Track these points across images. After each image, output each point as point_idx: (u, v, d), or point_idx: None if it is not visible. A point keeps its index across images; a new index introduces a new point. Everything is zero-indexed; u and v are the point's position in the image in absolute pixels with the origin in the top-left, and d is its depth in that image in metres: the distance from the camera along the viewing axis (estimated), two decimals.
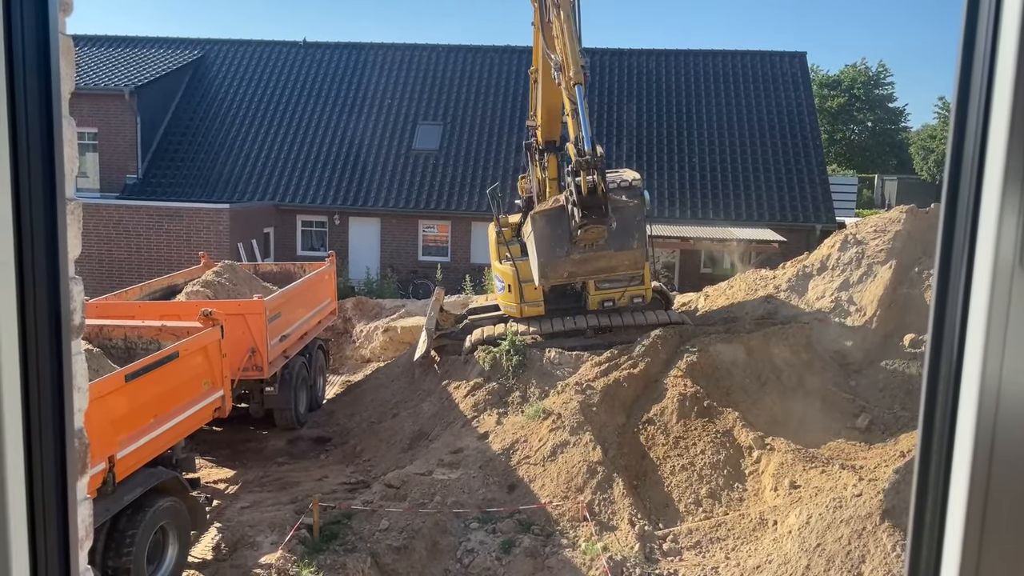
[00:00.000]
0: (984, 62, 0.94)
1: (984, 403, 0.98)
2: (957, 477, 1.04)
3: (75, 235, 1.02)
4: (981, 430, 0.99)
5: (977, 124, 0.96)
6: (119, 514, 8.01)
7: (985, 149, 0.96)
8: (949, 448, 1.04)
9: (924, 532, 1.08)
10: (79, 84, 25.29)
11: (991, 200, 0.95)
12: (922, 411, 1.08)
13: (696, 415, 11.36)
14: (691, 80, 28.06)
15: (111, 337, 9.93)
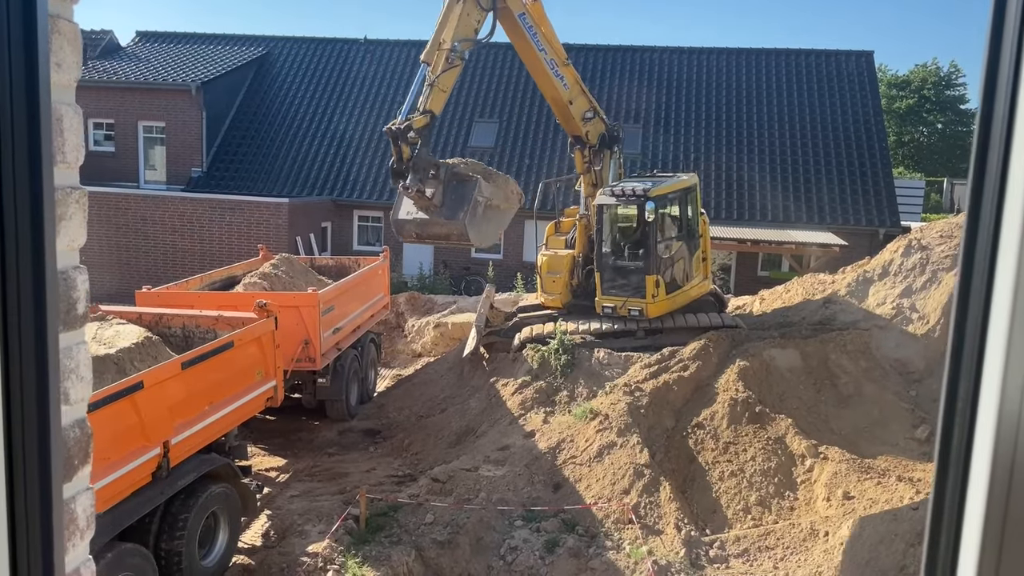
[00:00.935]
0: (1009, 67, 0.89)
1: (1003, 426, 0.91)
2: (973, 497, 0.97)
3: (79, 224, 1.02)
4: (1000, 453, 0.92)
5: (1002, 125, 0.90)
6: (173, 498, 8.22)
7: (1010, 146, 0.89)
8: (965, 468, 0.98)
9: (939, 557, 1.02)
10: (149, 79, 26.15)
11: (1015, 199, 0.88)
12: (939, 430, 1.02)
13: (747, 421, 11.14)
14: (753, 79, 27.52)
15: (170, 325, 10.21)
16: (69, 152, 1.01)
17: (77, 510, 1.00)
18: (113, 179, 26.30)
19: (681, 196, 13.41)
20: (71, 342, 1.00)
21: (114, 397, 7.27)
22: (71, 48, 0.98)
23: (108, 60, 27.99)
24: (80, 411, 1.03)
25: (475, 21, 12.25)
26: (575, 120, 13.61)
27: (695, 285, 13.75)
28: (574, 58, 28.25)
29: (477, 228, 11.60)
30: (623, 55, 28.59)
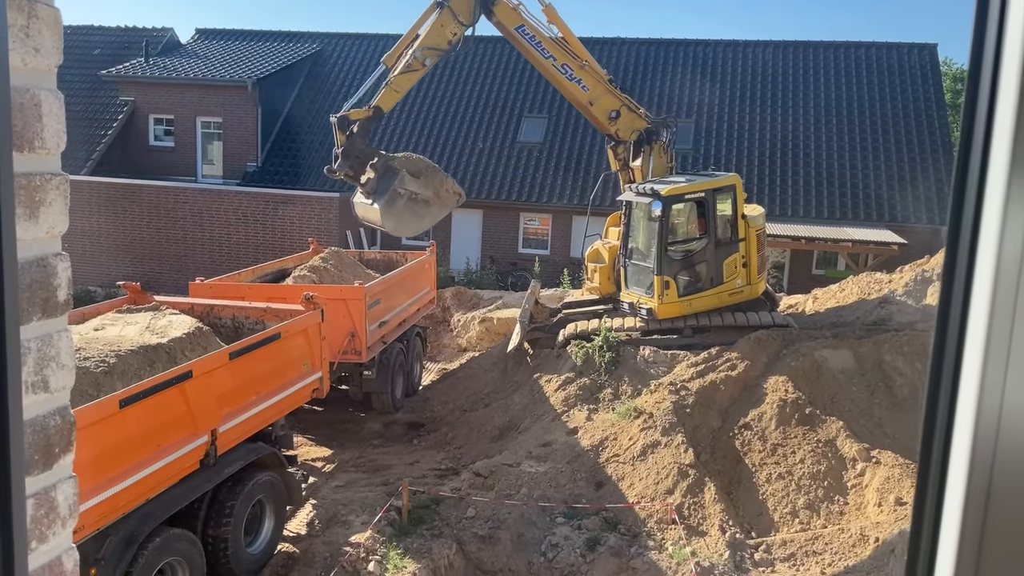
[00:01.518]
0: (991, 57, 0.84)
1: (982, 424, 0.85)
2: (950, 509, 0.91)
3: (60, 211, 1.02)
4: (978, 453, 0.86)
5: (983, 106, 0.84)
6: (220, 485, 8.39)
7: (992, 128, 0.83)
8: (942, 476, 0.91)
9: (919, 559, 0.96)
10: (207, 76, 26.72)
11: (997, 182, 0.81)
12: (921, 431, 0.95)
13: (797, 422, 10.90)
14: (811, 73, 26.88)
15: (221, 316, 10.41)
16: (49, 138, 1.00)
17: (58, 498, 1.00)
18: (173, 173, 27.00)
19: (707, 197, 12.87)
20: (52, 329, 1.00)
21: (164, 385, 7.44)
22: (50, 33, 0.98)
23: (168, 57, 28.72)
24: (62, 399, 1.03)
25: (449, 33, 12.66)
26: (600, 119, 13.60)
27: (728, 290, 13.11)
28: (627, 50, 28.14)
29: (395, 217, 12.36)
30: (677, 48, 28.20)
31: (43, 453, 0.99)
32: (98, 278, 22.90)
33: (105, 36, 30.47)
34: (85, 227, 23.83)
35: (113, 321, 9.31)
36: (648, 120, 13.85)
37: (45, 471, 1.00)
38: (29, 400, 0.97)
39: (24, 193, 0.96)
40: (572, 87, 13.39)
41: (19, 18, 0.93)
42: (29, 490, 0.98)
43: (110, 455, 6.80)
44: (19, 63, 0.95)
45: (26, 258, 0.97)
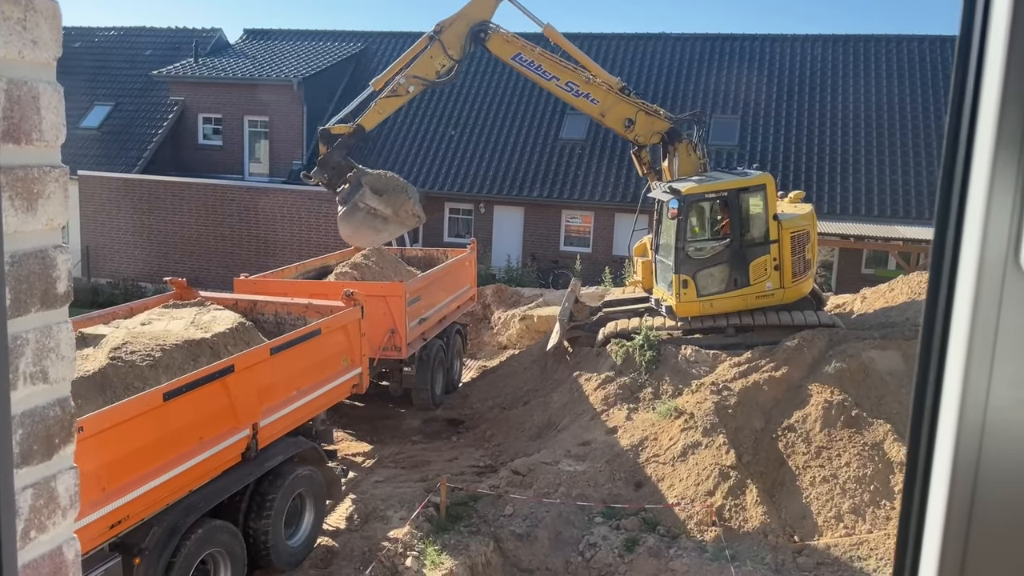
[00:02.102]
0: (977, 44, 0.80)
1: (965, 428, 0.80)
2: (932, 519, 0.86)
3: (59, 203, 1.02)
4: (960, 460, 0.81)
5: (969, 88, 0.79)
6: (261, 479, 8.53)
7: (977, 114, 0.78)
8: (924, 486, 0.87)
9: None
10: (254, 76, 27.17)
11: (980, 178, 0.76)
12: (908, 439, 0.90)
13: (842, 425, 10.66)
14: (862, 67, 26.27)
15: (264, 312, 10.58)
16: (47, 131, 1.01)
17: (59, 488, 1.01)
18: (221, 171, 27.53)
19: (729, 196, 12.64)
20: (51, 321, 1.01)
21: (207, 379, 7.58)
22: (48, 26, 0.98)
23: (217, 57, 29.28)
24: (61, 390, 1.04)
25: (438, 64, 13.23)
26: (615, 128, 13.65)
27: (756, 292, 12.76)
28: (671, 46, 27.83)
29: (350, 227, 13.09)
30: (722, 43, 27.81)
31: (43, 443, 1.00)
32: (148, 274, 23.48)
33: (156, 37, 31.20)
34: (136, 224, 24.45)
35: (159, 316, 9.53)
36: (670, 120, 13.64)
37: (44, 461, 1.01)
38: (27, 391, 0.98)
39: (21, 185, 0.97)
40: (581, 102, 13.54)
41: (16, 11, 0.94)
42: (29, 480, 0.99)
43: (154, 447, 6.95)
44: (16, 56, 0.96)
45: (24, 250, 0.98)
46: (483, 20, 13.16)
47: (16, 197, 0.96)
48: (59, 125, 1.02)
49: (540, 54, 13.48)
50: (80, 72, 29.85)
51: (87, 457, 6.20)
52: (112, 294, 22.34)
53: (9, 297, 0.94)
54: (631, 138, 13.70)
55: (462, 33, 13.04)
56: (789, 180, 23.13)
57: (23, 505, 0.96)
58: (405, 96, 13.46)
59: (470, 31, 13.07)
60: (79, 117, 28.46)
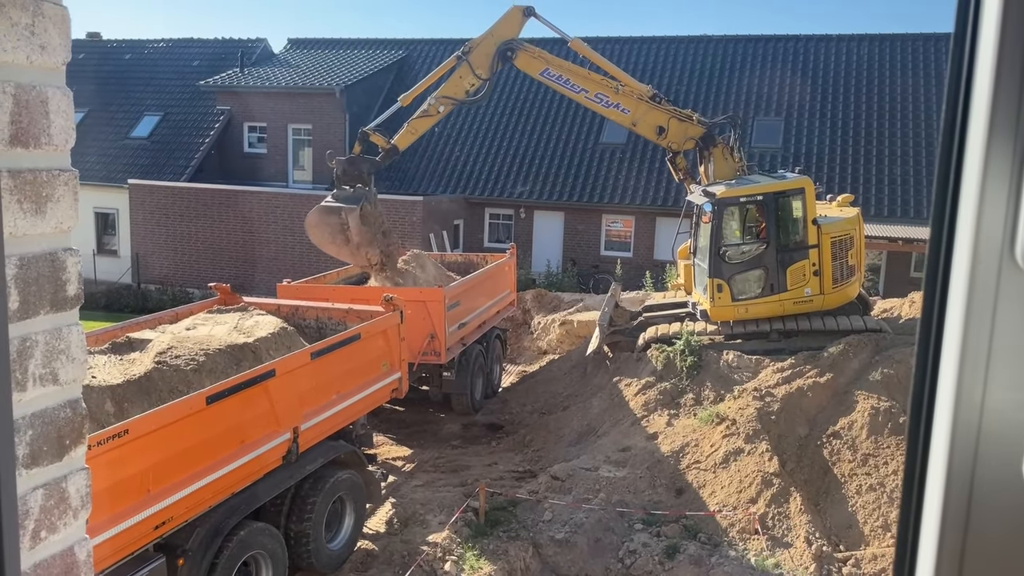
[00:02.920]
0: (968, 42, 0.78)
1: (960, 431, 0.76)
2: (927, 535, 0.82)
3: (68, 206, 1.03)
4: (955, 464, 0.77)
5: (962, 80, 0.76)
6: (301, 482, 8.62)
7: (969, 103, 0.74)
8: (920, 490, 0.82)
9: None
10: (297, 84, 27.60)
11: (973, 170, 0.72)
12: (906, 442, 0.86)
13: (890, 432, 10.40)
14: (906, 66, 25.68)
15: (305, 317, 10.71)
16: (56, 135, 1.02)
17: (69, 489, 1.02)
18: (266, 179, 28.02)
19: (766, 200, 12.41)
20: (61, 323, 1.02)
21: (248, 383, 7.70)
22: (57, 31, 0.99)
23: (262, 67, 29.84)
24: (72, 392, 1.05)
25: (467, 84, 13.47)
26: (648, 136, 13.60)
27: (793, 298, 12.50)
28: (715, 47, 27.53)
29: (318, 223, 13.05)
30: (765, 45, 27.45)
31: (53, 445, 1.01)
32: (195, 279, 23.98)
33: (204, 48, 31.92)
34: (185, 231, 24.99)
35: (204, 321, 9.71)
36: (703, 125, 13.48)
37: (55, 462, 1.02)
38: (37, 392, 1.00)
39: (30, 188, 0.99)
40: (611, 112, 13.54)
41: (24, 16, 0.95)
42: (39, 480, 1.00)
43: (197, 450, 7.07)
44: (24, 60, 0.97)
45: (33, 253, 0.99)
46: (510, 38, 13.30)
47: (25, 200, 0.97)
48: (68, 129, 1.03)
49: (567, 67, 13.52)
50: (130, 83, 30.69)
51: (132, 459, 6.34)
52: (160, 299, 22.86)
53: (18, 299, 0.95)
54: (664, 145, 13.62)
55: (490, 53, 13.20)
56: (835, 182, 22.70)
57: (33, 505, 0.97)
58: (436, 116, 13.71)
59: (497, 50, 13.23)
60: (129, 128, 29.24)
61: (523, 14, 13.32)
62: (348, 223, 12.83)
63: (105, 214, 27.17)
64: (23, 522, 0.94)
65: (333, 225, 12.96)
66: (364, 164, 13.43)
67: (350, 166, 13.37)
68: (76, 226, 1.02)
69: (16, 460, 0.91)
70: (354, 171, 13.36)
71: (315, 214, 13.13)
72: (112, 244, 27.14)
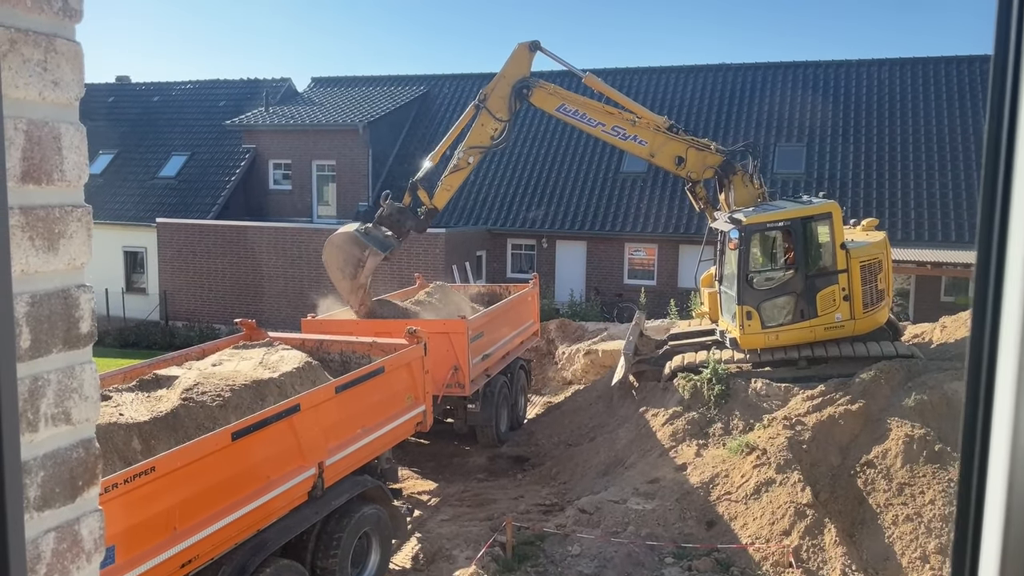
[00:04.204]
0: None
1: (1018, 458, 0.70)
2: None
3: (82, 243, 1.02)
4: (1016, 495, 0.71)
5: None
6: (327, 517, 8.56)
7: (1016, 125, 0.70)
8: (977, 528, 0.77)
9: None
10: (321, 122, 28.02)
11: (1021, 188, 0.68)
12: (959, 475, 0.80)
13: (925, 460, 10.13)
14: (940, 89, 25.53)
15: (330, 351, 10.73)
16: (69, 171, 1.02)
17: (83, 532, 1.00)
18: (291, 214, 28.37)
19: (793, 225, 12.31)
20: (75, 361, 1.00)
21: (274, 419, 7.69)
22: (70, 67, 0.99)
23: (286, 105, 30.37)
24: (85, 431, 1.03)
25: (491, 130, 13.52)
26: (666, 167, 13.57)
27: (824, 324, 12.32)
28: (734, 76, 27.58)
29: (336, 251, 13.24)
30: (784, 71, 27.45)
31: (66, 486, 0.99)
32: (222, 315, 24.20)
33: (229, 89, 32.59)
34: (211, 267, 25.30)
35: (230, 357, 9.76)
36: (721, 153, 13.45)
37: (67, 504, 1.00)
38: (49, 432, 0.98)
39: (43, 225, 0.98)
40: (629, 145, 13.56)
41: (36, 52, 0.95)
42: (51, 523, 0.98)
43: (223, 486, 7.06)
44: (36, 96, 0.97)
45: (45, 290, 0.98)
46: (523, 77, 13.41)
47: (37, 237, 0.96)
48: (82, 165, 1.03)
49: (583, 102, 13.59)
50: (159, 125, 31.37)
51: (159, 497, 6.34)
52: (188, 336, 23.08)
53: (30, 337, 0.94)
54: (683, 175, 13.59)
55: (506, 95, 13.33)
56: (860, 207, 22.50)
57: (45, 549, 0.95)
58: (468, 168, 13.84)
59: (512, 90, 13.34)
60: (157, 168, 29.81)
61: (529, 50, 13.44)
62: (366, 263, 12.99)
63: (134, 253, 27.61)
64: (34, 567, 0.92)
65: (351, 256, 13.09)
66: (410, 221, 13.71)
67: (398, 215, 13.60)
68: (90, 262, 1.02)
69: (27, 502, 0.89)
70: (398, 221, 13.59)
71: (341, 237, 13.30)
72: (141, 282, 27.53)
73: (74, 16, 0.98)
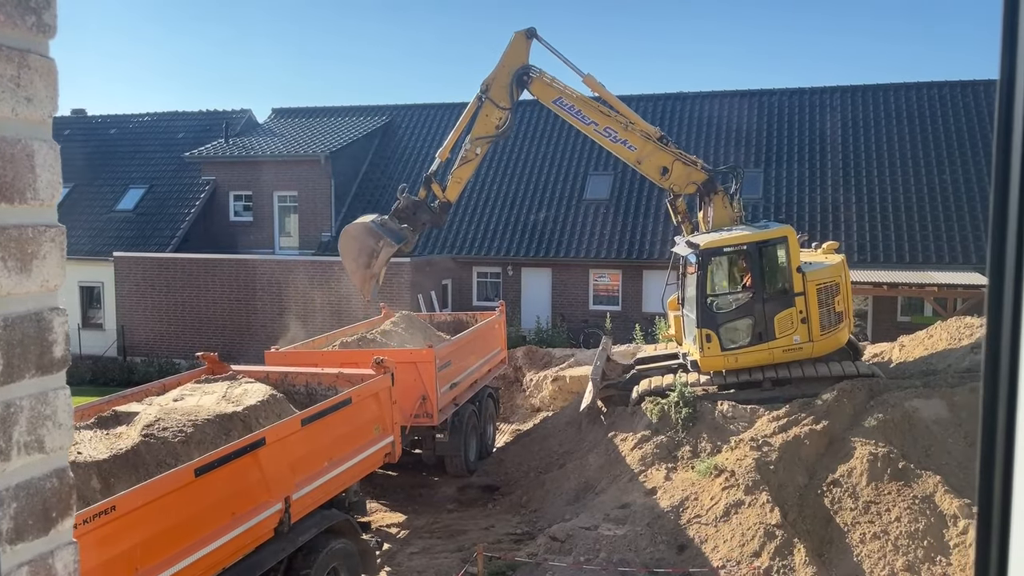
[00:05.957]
0: None
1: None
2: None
3: (55, 264, 0.99)
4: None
5: None
6: (294, 553, 8.36)
7: None
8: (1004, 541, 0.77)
9: None
10: (282, 153, 27.87)
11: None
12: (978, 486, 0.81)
13: (890, 477, 10.27)
14: (882, 116, 26.30)
15: (295, 383, 10.56)
16: (42, 189, 0.99)
17: (57, 566, 0.95)
18: (252, 246, 28.05)
19: (750, 249, 12.50)
20: (48, 387, 0.97)
21: (238, 453, 7.52)
22: (43, 83, 0.97)
23: (247, 137, 30.17)
24: (59, 460, 0.99)
25: (495, 119, 13.54)
26: (651, 176, 13.71)
27: (782, 346, 12.51)
28: (692, 104, 28.13)
29: (352, 241, 13.36)
30: (740, 99, 28.06)
31: (39, 518, 0.95)
32: (182, 350, 23.73)
33: (188, 120, 32.30)
34: (171, 301, 24.84)
35: (192, 391, 9.55)
36: (706, 172, 13.67)
37: (41, 536, 0.95)
38: (22, 461, 0.94)
39: (15, 245, 0.94)
40: (618, 148, 13.70)
41: (8, 68, 0.93)
42: (25, 556, 0.93)
43: (187, 524, 6.86)
44: (9, 113, 0.94)
45: (17, 313, 0.94)
46: (522, 64, 13.47)
47: (9, 258, 0.93)
48: (55, 184, 1.00)
49: (580, 99, 13.64)
50: (116, 158, 30.91)
51: (120, 537, 6.13)
52: (147, 371, 22.58)
53: (1, 362, 0.90)
54: (667, 186, 13.72)
55: (506, 83, 13.39)
56: (817, 230, 22.97)
57: None
58: (476, 159, 13.86)
59: (513, 78, 13.40)
60: (115, 201, 29.32)
61: (527, 37, 13.45)
62: (380, 253, 13.10)
63: (90, 287, 27.00)
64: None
65: (365, 246, 13.23)
66: (425, 215, 13.76)
67: (414, 208, 13.63)
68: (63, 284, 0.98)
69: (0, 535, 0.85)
70: (413, 214, 13.63)
71: (358, 227, 13.45)
72: (97, 318, 26.91)
73: (48, 32, 0.96)
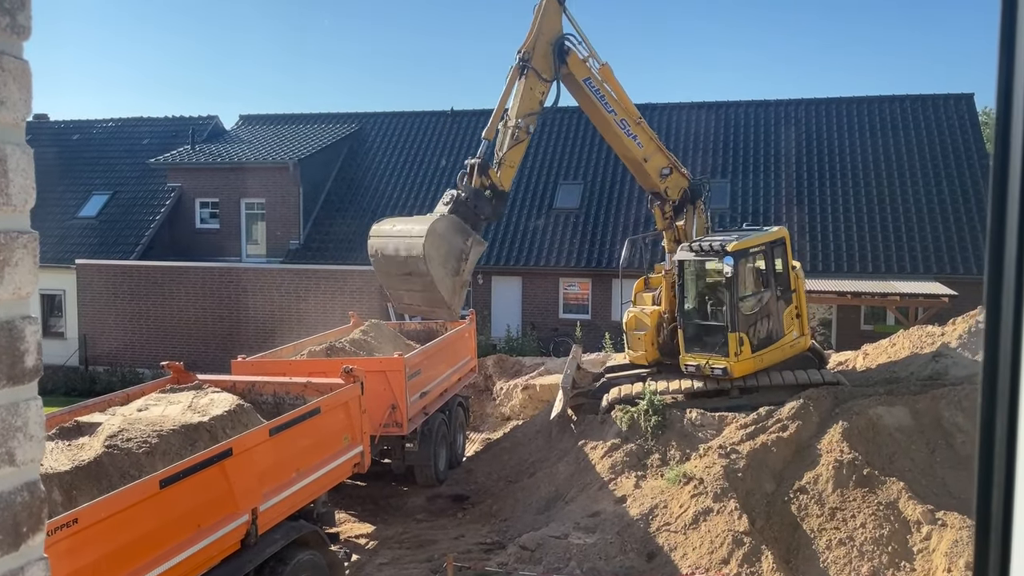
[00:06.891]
0: None
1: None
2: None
3: (28, 271, 0.97)
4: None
5: None
6: (262, 566, 8.23)
7: None
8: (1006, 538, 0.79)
9: None
10: (249, 159, 27.58)
11: None
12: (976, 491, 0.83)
13: (855, 484, 10.43)
14: (845, 129, 26.79)
15: (262, 393, 10.43)
16: (15, 195, 0.96)
17: None
18: (219, 254, 27.68)
19: (766, 250, 12.95)
20: (18, 398, 0.94)
21: (204, 464, 7.40)
22: (17, 85, 0.95)
23: (213, 143, 29.81)
24: (30, 473, 0.96)
25: (539, 94, 12.58)
26: (652, 177, 13.58)
27: (788, 342, 13.16)
28: (659, 115, 28.40)
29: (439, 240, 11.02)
30: (709, 111, 28.40)
31: (8, 532, 0.92)
32: (146, 359, 23.32)
33: (153, 126, 31.83)
34: (135, 310, 24.42)
35: (156, 401, 9.38)
36: (688, 179, 13.87)
37: (11, 552, 0.93)
38: None
39: None
40: (630, 143, 13.30)
41: None
42: None
43: (151, 537, 6.73)
44: None
45: None
46: (559, 32, 12.67)
47: None
48: (28, 189, 0.98)
49: (607, 86, 13.19)
50: (79, 164, 30.34)
51: (82, 550, 6.00)
52: (110, 381, 22.14)
53: None
54: (662, 189, 13.64)
55: (546, 52, 12.53)
56: None
57: None
58: (527, 138, 12.58)
59: (553, 47, 12.56)
60: (77, 207, 28.77)
61: (558, 2, 12.66)
62: (470, 254, 11.26)
63: (52, 295, 26.44)
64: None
65: (455, 246, 11.20)
66: (487, 207, 11.82)
67: (476, 199, 11.67)
68: (35, 292, 0.96)
69: None
70: (475, 207, 11.67)
71: (444, 224, 11.18)
72: (59, 326, 26.33)
73: (22, 33, 0.94)
